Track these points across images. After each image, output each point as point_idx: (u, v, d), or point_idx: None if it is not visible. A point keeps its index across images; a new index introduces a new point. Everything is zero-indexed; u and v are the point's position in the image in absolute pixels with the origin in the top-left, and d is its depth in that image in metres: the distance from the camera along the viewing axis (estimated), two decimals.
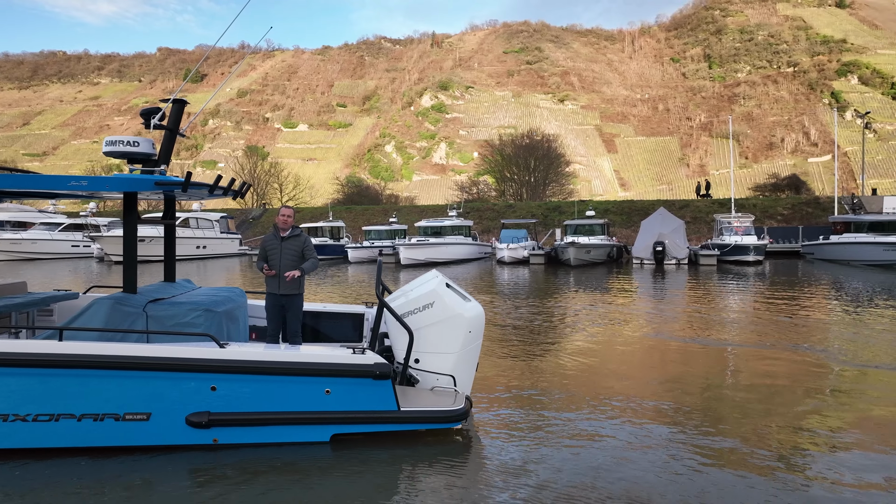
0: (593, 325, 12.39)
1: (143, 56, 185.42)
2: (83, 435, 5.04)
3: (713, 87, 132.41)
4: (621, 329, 11.94)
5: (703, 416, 6.44)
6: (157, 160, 6.02)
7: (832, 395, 7.24)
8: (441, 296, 5.83)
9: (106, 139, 5.86)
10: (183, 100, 6.17)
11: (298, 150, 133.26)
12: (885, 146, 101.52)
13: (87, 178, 5.47)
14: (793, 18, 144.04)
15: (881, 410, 6.62)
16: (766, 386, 7.60)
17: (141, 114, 5.99)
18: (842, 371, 8.47)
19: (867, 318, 13.13)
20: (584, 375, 8.24)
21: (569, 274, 26.23)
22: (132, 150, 5.84)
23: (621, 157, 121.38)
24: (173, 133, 6.13)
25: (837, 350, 9.78)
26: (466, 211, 48.38)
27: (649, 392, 7.33)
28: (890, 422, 6.25)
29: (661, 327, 12.26)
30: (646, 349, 10.09)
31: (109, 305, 5.58)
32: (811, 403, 6.87)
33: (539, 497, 4.48)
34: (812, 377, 8.10)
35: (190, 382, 5.09)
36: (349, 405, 5.35)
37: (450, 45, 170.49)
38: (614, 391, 7.37)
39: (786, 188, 56.56)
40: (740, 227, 32.54)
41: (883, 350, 9.73)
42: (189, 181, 5.56)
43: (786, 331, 11.59)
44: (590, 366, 8.82)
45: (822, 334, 11.27)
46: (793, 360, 9.09)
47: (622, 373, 8.46)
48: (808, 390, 7.42)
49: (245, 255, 42.71)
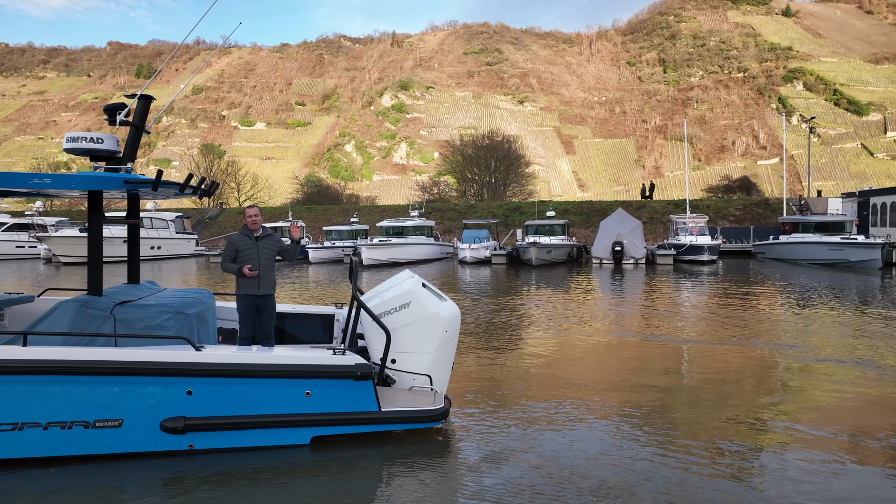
0: (555, 324, 12.56)
1: (92, 50, 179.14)
2: (50, 444, 4.84)
3: (667, 91, 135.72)
4: (582, 327, 12.14)
5: (660, 409, 6.63)
6: (121, 157, 5.83)
7: (782, 389, 7.56)
8: (417, 295, 5.83)
9: (67, 135, 5.65)
10: (149, 96, 6.00)
11: (256, 149, 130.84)
12: (829, 150, 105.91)
13: (50, 175, 5.26)
14: (742, 26, 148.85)
15: (826, 400, 6.97)
16: (719, 380, 7.89)
17: (105, 109, 5.81)
18: (790, 364, 8.85)
19: (814, 314, 13.68)
20: (546, 372, 8.35)
21: (530, 273, 26.51)
22: (96, 147, 5.64)
23: (579, 158, 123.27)
24: (139, 130, 5.95)
25: (786, 344, 10.21)
26: (428, 211, 48.40)
27: (610, 388, 7.48)
28: (834, 410, 6.58)
29: (621, 326, 12.51)
30: (606, 347, 10.28)
31: (76, 309, 5.37)
32: (761, 395, 7.17)
33: (522, 493, 4.52)
34: (762, 370, 8.44)
35: (164, 387, 4.95)
36: (330, 407, 5.29)
37: (410, 44, 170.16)
38: (577, 389, 7.50)
39: (737, 190, 58.48)
40: (695, 228, 33.44)
41: (828, 344, 10.18)
42: (160, 180, 5.40)
43: (739, 327, 11.99)
44: (552, 363, 8.95)
45: (773, 330, 11.70)
46: (746, 354, 9.42)
47: (585, 370, 8.61)
48: (759, 383, 7.76)
49: (202, 256, 41.73)
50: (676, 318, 13.63)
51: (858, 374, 8.17)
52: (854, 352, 9.55)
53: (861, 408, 6.72)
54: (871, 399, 7.03)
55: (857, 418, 6.35)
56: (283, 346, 6.81)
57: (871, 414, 6.51)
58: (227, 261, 6.42)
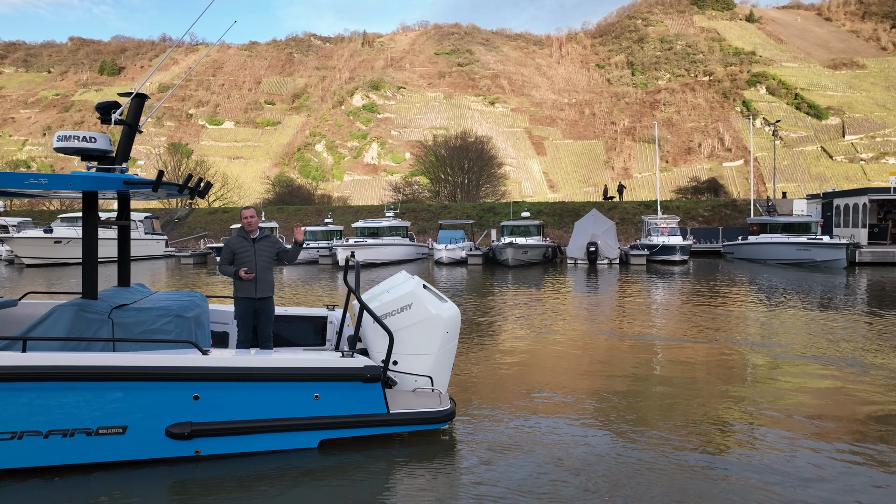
0: (534, 323, 12.66)
1: (52, 45, 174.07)
2: (51, 453, 4.69)
3: (636, 94, 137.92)
4: (562, 326, 12.27)
5: (632, 405, 6.82)
6: (114, 157, 5.70)
7: (751, 384, 7.84)
8: (419, 297, 5.84)
9: (58, 134, 5.49)
10: (144, 94, 5.88)
11: (224, 148, 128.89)
12: (790, 152, 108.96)
13: (46, 175, 5.10)
14: (708, 30, 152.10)
15: (790, 392, 7.32)
16: (688, 377, 8.12)
17: (97, 108, 5.68)
18: (758, 360, 9.18)
19: (782, 311, 14.07)
20: (542, 370, 8.42)
21: (507, 274, 26.66)
22: (89, 147, 5.49)
23: (550, 159, 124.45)
24: (133, 129, 5.81)
25: (755, 341, 10.58)
26: (402, 212, 48.27)
27: (589, 386, 7.58)
28: (800, 405, 6.87)
29: (600, 324, 12.67)
30: (586, 345, 10.41)
31: (73, 313, 5.22)
32: (730, 390, 7.46)
33: (531, 493, 4.56)
34: (731, 366, 8.78)
35: (171, 392, 4.85)
36: (339, 409, 5.26)
37: (381, 44, 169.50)
38: (575, 387, 7.58)
39: (705, 191, 59.72)
40: (666, 228, 34.02)
41: (797, 340, 10.53)
42: (160, 181, 5.30)
43: (712, 324, 12.27)
44: (530, 361, 9.03)
45: (743, 327, 12.06)
46: (717, 350, 9.69)
47: (566, 368, 8.71)
48: (728, 378, 8.05)
49: (172, 257, 40.91)
50: (654, 316, 13.86)
51: (822, 368, 8.49)
52: (819, 347, 9.86)
53: (822, 400, 7.03)
54: (830, 391, 7.37)
55: (819, 409, 6.66)
56: (283, 349, 6.73)
57: (831, 405, 6.80)
58: (225, 263, 6.33)
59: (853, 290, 19.28)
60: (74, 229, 35.24)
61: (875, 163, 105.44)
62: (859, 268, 28.12)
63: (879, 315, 13.54)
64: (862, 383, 7.71)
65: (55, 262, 33.62)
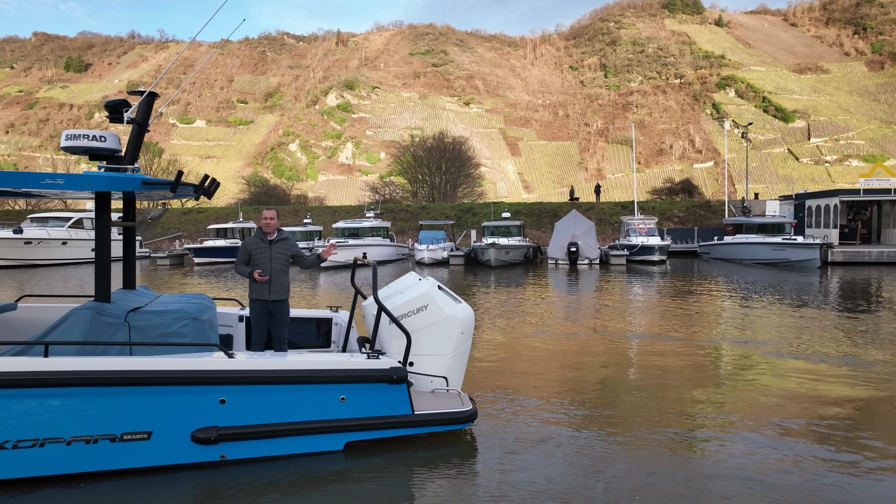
0: (519, 322, 12.74)
1: (15, 40, 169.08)
2: (74, 460, 4.57)
3: (609, 96, 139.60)
4: (550, 324, 12.37)
5: (610, 400, 7.00)
6: (122, 157, 5.59)
7: (729, 378, 8.13)
8: (434, 298, 5.88)
9: (65, 133, 5.36)
10: (155, 93, 5.78)
11: (196, 147, 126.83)
12: (759, 154, 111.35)
13: (63, 175, 4.96)
14: (678, 34, 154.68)
15: (762, 387, 7.65)
16: (671, 370, 8.24)
17: (106, 106, 5.56)
18: (735, 355, 9.55)
19: (762, 309, 14.40)
20: (553, 369, 8.48)
21: (489, 274, 26.76)
22: (98, 146, 5.37)
23: (524, 160, 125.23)
24: (142, 128, 5.70)
25: (733, 337, 10.97)
26: (380, 212, 48.12)
27: (575, 384, 7.68)
28: (770, 397, 7.18)
29: (587, 323, 12.81)
30: (572, 343, 10.51)
31: (90, 316, 5.09)
32: (707, 385, 7.77)
33: (555, 492, 4.60)
34: (714, 362, 9.13)
35: (197, 396, 4.76)
36: (364, 411, 5.24)
37: (355, 44, 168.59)
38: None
39: (680, 192, 60.73)
40: (644, 229, 34.49)
41: (776, 337, 10.87)
42: (179, 181, 5.20)
43: (694, 322, 12.52)
44: (552, 359, 9.09)
45: (723, 324, 12.33)
46: (699, 346, 9.87)
47: (568, 365, 8.80)
48: (706, 373, 8.37)
49: (147, 258, 40.10)
50: (638, 314, 14.06)
51: (800, 364, 8.77)
52: (796, 344, 10.14)
53: (792, 395, 7.29)
54: (808, 386, 7.63)
55: (789, 404, 6.91)
56: (295, 352, 6.67)
57: (802, 400, 7.05)
58: (241, 264, 6.27)
59: (826, 288, 19.81)
60: (46, 230, 34.35)
61: (839, 165, 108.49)
62: (832, 267, 28.89)
63: (853, 312, 13.96)
64: (841, 377, 7.95)
65: (25, 263, 32.70)
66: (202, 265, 34.58)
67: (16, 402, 4.41)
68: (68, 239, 35.09)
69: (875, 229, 36.53)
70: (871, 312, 14.12)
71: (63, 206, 60.17)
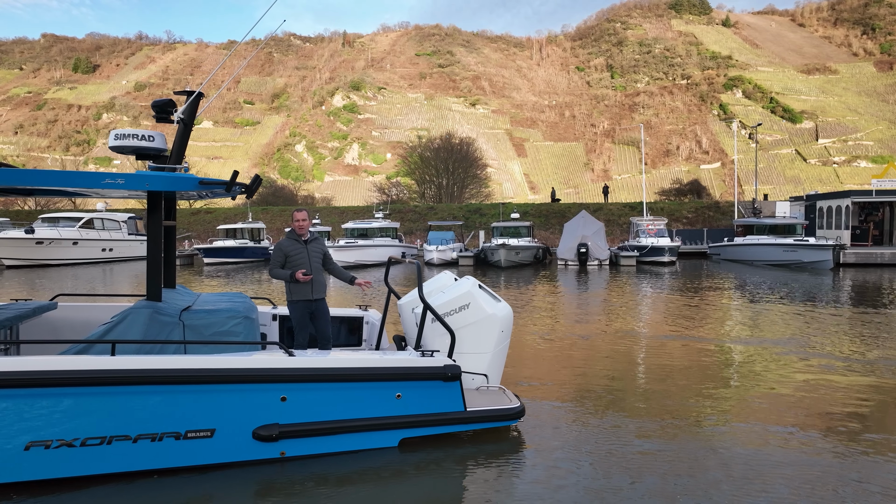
0: (540, 322, 12.72)
1: (24, 42, 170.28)
2: (139, 458, 4.64)
3: (615, 96, 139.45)
4: (571, 325, 12.34)
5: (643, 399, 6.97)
6: (167, 156, 5.64)
7: (748, 375, 8.12)
8: (476, 297, 5.99)
9: (114, 132, 5.41)
10: (202, 93, 5.83)
11: (203, 148, 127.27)
12: (766, 155, 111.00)
13: (123, 175, 4.99)
14: (685, 34, 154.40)
15: (774, 385, 7.68)
16: (693, 369, 8.20)
17: (153, 106, 5.63)
18: (750, 355, 9.54)
19: (782, 309, 14.33)
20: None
21: (499, 275, 26.72)
22: (146, 146, 5.44)
23: (530, 161, 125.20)
24: (188, 127, 5.75)
25: (749, 337, 10.87)
26: (388, 213, 48.20)
27: (592, 383, 7.65)
28: (781, 395, 7.22)
29: (619, 325, 12.77)
30: (594, 343, 10.48)
31: (148, 315, 5.19)
32: (722, 381, 7.82)
33: (606, 489, 4.60)
34: (729, 360, 9.17)
35: (260, 394, 4.83)
36: (419, 408, 5.33)
37: (361, 45, 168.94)
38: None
39: (688, 193, 60.58)
40: (653, 230, 34.38)
41: (794, 336, 10.76)
42: (234, 181, 5.26)
43: (711, 322, 12.46)
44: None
45: (737, 325, 12.22)
46: (713, 345, 9.82)
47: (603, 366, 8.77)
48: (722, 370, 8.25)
49: None
50: (654, 314, 14.01)
51: (814, 363, 8.69)
52: (817, 342, 10.08)
53: (805, 394, 7.31)
54: (815, 385, 7.68)
55: (802, 403, 6.93)
56: (339, 349, 6.75)
57: (816, 399, 7.05)
58: (276, 267, 6.29)
59: (840, 289, 19.71)
60: (57, 230, 34.52)
61: (847, 166, 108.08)
62: (844, 269, 28.74)
63: (866, 313, 13.91)
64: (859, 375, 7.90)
65: (37, 263, 32.87)
66: (212, 265, 34.68)
67: (86, 400, 4.46)
68: (79, 239, 35.26)
69: (887, 230, 36.32)
70: (885, 313, 14.04)
71: (73, 206, 60.50)
